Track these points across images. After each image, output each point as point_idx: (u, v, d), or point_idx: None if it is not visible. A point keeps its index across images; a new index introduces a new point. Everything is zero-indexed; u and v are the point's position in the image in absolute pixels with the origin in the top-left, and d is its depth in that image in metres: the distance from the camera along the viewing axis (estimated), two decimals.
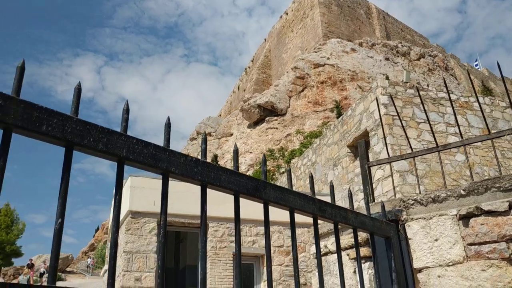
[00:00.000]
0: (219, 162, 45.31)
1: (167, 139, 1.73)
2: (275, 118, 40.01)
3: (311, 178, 2.37)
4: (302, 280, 10.37)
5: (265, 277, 10.10)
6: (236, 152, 2.01)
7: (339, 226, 2.46)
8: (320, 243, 4.55)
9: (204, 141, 1.88)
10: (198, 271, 10.20)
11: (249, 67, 70.17)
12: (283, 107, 40.25)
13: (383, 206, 2.78)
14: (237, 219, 1.89)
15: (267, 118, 40.10)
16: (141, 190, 9.55)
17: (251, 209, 9.45)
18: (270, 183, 2.06)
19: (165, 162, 1.65)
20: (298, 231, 10.68)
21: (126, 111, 1.63)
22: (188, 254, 13.32)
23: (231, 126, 46.37)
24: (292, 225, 2.14)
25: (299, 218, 2.04)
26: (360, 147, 3.39)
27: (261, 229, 10.38)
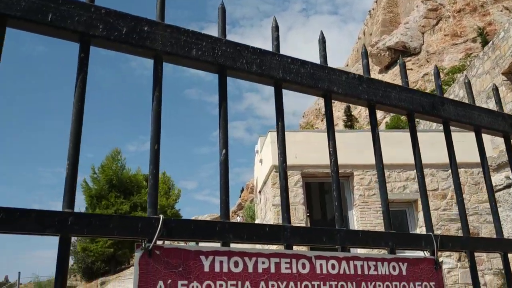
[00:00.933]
0: (352, 113, 44.22)
1: (324, 56, 1.49)
2: (409, 58, 37.34)
3: (496, 89, 1.94)
4: None
5: (420, 223, 9.54)
6: (403, 66, 1.70)
7: None
8: (500, 174, 3.99)
9: (365, 55, 1.60)
10: (348, 220, 10.08)
11: (373, 9, 66.12)
12: (416, 45, 37.28)
13: None
14: (414, 141, 1.59)
15: (399, 60, 37.60)
16: None
17: (398, 153, 8.89)
18: (449, 99, 1.71)
19: (325, 81, 1.42)
20: (448, 172, 9.80)
21: (276, 28, 1.43)
22: None
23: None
24: (480, 147, 1.77)
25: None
26: None
27: (411, 173, 9.74)
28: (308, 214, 9.95)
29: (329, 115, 1.42)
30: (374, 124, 1.51)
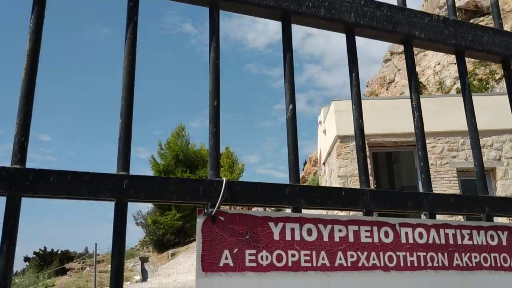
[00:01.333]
0: (420, 79, 42.15)
1: None
2: (481, 18, 34.70)
3: None
4: None
5: (499, 192, 8.93)
6: (495, 5, 1.46)
7: None
8: None
9: None
10: (418, 190, 9.64)
11: None
12: (490, 3, 34.50)
13: None
14: (511, 92, 1.37)
15: (471, 21, 35.11)
16: (346, 113, 9.30)
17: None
18: None
19: (405, 25, 1.23)
20: None
21: None
22: (403, 174, 12.75)
23: None
24: None
25: None
26: None
27: (488, 139, 9.07)
28: (375, 185, 9.64)
29: (410, 64, 1.23)
30: (464, 73, 1.30)
